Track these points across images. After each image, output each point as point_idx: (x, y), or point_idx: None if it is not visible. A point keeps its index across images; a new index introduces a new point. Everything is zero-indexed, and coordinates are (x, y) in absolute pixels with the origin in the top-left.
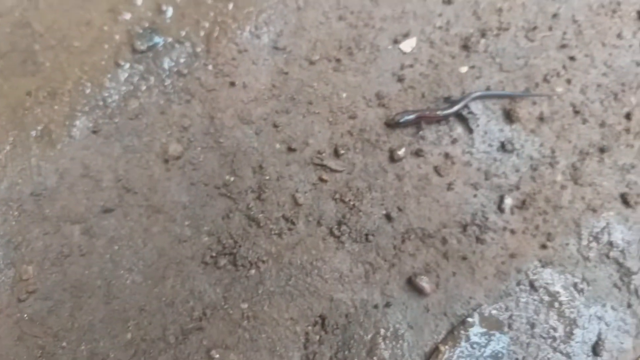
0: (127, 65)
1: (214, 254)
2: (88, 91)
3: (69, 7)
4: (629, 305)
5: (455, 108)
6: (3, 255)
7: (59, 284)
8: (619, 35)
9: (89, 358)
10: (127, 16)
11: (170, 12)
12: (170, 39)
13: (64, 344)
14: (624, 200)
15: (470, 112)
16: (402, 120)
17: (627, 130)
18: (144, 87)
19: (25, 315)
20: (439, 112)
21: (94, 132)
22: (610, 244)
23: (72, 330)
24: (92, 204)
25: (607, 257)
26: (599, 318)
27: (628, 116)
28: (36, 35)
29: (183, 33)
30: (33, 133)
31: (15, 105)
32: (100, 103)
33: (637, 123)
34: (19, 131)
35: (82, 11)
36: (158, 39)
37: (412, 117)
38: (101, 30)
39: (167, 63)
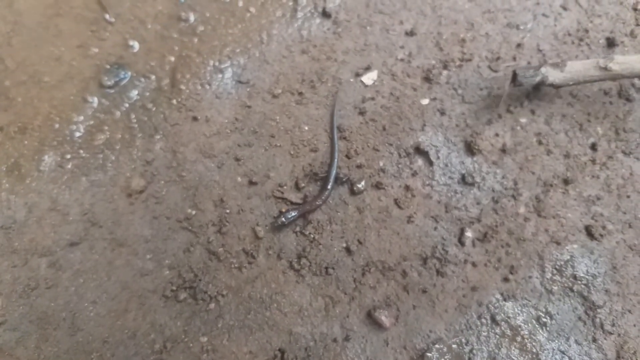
0: (95, 100)
1: (174, 288)
2: (57, 126)
3: (40, 43)
4: (594, 340)
5: (328, 188)
6: None
7: (25, 316)
8: None
9: None
10: (95, 50)
11: (136, 46)
12: (135, 74)
13: None
14: (589, 232)
15: (431, 144)
16: (287, 222)
17: (593, 161)
18: (109, 122)
19: None
20: (318, 202)
21: (61, 166)
22: (575, 277)
23: None
24: (59, 237)
25: (571, 290)
26: (563, 352)
27: (594, 147)
28: (8, 71)
29: (149, 67)
30: (3, 167)
31: None
32: (68, 138)
33: (604, 153)
34: None
35: (52, 47)
36: (124, 74)
37: (295, 214)
38: (70, 66)
39: (132, 97)
